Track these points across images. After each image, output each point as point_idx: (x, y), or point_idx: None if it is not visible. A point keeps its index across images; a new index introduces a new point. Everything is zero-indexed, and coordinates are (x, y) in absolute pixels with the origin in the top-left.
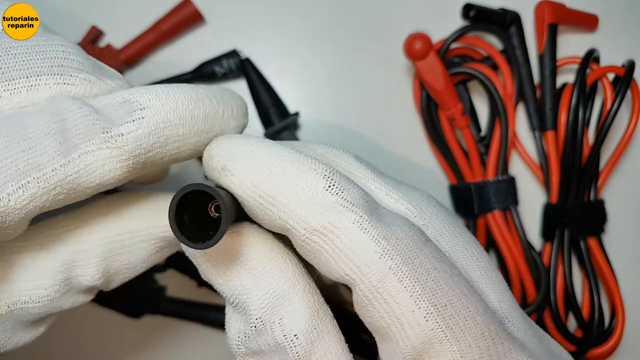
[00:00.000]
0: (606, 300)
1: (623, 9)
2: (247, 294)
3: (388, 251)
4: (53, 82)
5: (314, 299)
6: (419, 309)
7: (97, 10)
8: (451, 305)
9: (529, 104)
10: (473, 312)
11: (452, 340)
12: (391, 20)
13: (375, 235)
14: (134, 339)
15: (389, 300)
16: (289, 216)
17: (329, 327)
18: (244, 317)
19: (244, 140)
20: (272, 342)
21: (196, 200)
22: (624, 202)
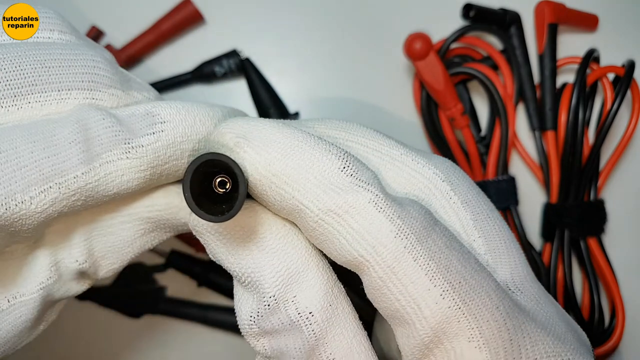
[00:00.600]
0: (606, 300)
1: (623, 9)
2: (260, 272)
3: (403, 230)
4: (82, 97)
5: (327, 275)
6: (434, 287)
7: (98, 10)
8: (465, 282)
9: (529, 104)
10: (486, 288)
11: (470, 317)
12: (391, 20)
13: (391, 214)
14: (134, 339)
15: (404, 280)
16: (304, 195)
17: (344, 304)
18: (256, 295)
19: (259, 121)
20: (286, 321)
21: (204, 173)
22: (624, 202)
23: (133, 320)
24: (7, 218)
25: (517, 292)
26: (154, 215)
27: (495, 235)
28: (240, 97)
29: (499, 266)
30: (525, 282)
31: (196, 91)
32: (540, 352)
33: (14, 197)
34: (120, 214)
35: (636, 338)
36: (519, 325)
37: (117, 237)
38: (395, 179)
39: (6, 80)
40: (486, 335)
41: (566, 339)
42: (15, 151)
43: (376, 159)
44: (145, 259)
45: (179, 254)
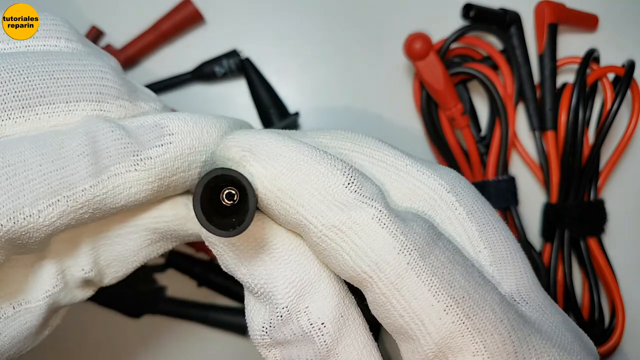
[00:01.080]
0: (606, 300)
1: (623, 9)
2: (273, 283)
3: (406, 246)
4: (90, 108)
5: (339, 286)
6: (438, 302)
7: (98, 10)
8: (469, 297)
9: (529, 104)
10: (490, 302)
11: (474, 331)
12: (391, 20)
13: (394, 230)
14: (134, 339)
15: (407, 297)
16: (308, 211)
17: (355, 315)
18: (269, 306)
19: (265, 134)
20: (298, 332)
21: (209, 187)
22: (624, 202)
23: (133, 320)
24: (15, 231)
25: (522, 303)
26: (161, 226)
27: (501, 245)
28: (240, 97)
29: (504, 277)
30: (531, 292)
31: (196, 91)
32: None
33: (22, 210)
34: (128, 225)
35: (636, 338)
36: (523, 338)
37: (124, 246)
38: (400, 190)
39: (15, 91)
40: (490, 349)
41: (573, 349)
42: (24, 164)
43: (381, 170)
44: None
45: (178, 254)
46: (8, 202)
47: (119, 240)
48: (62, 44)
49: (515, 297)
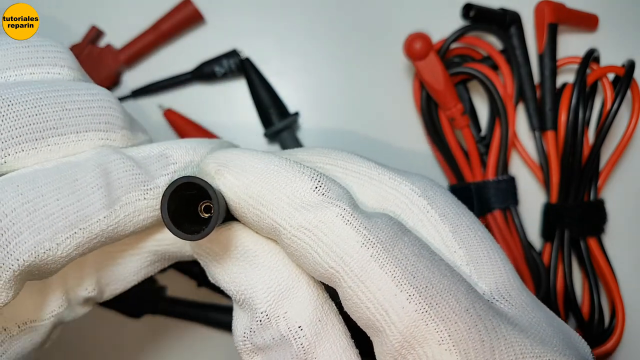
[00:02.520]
0: (606, 300)
1: (623, 9)
2: (253, 289)
3: (369, 240)
4: (98, 138)
5: (318, 292)
6: (401, 292)
7: (97, 10)
8: (432, 286)
9: (529, 104)
10: (455, 291)
11: (438, 320)
12: (391, 20)
13: (357, 225)
14: (134, 339)
15: (371, 288)
16: (277, 214)
17: (334, 320)
18: (250, 313)
19: (239, 150)
20: (277, 336)
21: (187, 198)
22: (624, 202)
23: (133, 320)
24: (35, 265)
25: (502, 300)
26: (162, 248)
27: (477, 245)
28: (240, 97)
29: (482, 276)
30: (512, 290)
31: (196, 91)
32: (516, 353)
33: (42, 245)
34: (131, 248)
35: (636, 338)
36: (492, 328)
37: (125, 267)
38: (372, 197)
39: (28, 124)
40: (455, 338)
41: (550, 342)
42: (43, 199)
43: (354, 179)
44: None
45: None
46: (30, 238)
47: (122, 262)
48: (65, 72)
49: (494, 295)
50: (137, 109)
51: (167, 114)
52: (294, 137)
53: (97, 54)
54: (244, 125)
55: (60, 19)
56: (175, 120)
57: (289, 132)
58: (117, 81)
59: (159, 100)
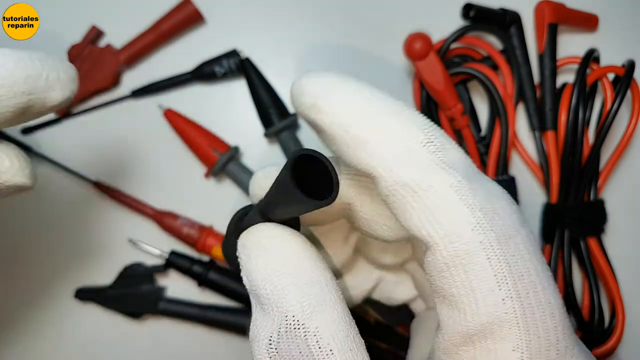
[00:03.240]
0: (606, 301)
1: (623, 9)
2: (285, 296)
3: (483, 225)
4: None
5: (349, 317)
6: (499, 290)
7: (97, 10)
8: (534, 295)
9: (529, 104)
10: (553, 306)
11: (524, 329)
12: (391, 20)
13: (473, 204)
14: (134, 339)
15: (469, 274)
16: (379, 164)
17: (363, 353)
18: (278, 318)
19: (340, 79)
20: (305, 352)
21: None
22: (624, 202)
23: (133, 321)
24: None
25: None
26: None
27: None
28: (240, 96)
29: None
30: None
31: (196, 91)
32: None
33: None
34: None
35: (636, 338)
36: (569, 348)
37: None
38: None
39: None
40: (531, 350)
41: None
42: None
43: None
44: (145, 259)
45: (178, 255)
46: None
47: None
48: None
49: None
50: (137, 109)
51: (167, 114)
52: (294, 137)
53: (97, 54)
54: (244, 125)
55: (61, 19)
56: (175, 120)
57: (289, 131)
58: (117, 81)
59: (159, 100)
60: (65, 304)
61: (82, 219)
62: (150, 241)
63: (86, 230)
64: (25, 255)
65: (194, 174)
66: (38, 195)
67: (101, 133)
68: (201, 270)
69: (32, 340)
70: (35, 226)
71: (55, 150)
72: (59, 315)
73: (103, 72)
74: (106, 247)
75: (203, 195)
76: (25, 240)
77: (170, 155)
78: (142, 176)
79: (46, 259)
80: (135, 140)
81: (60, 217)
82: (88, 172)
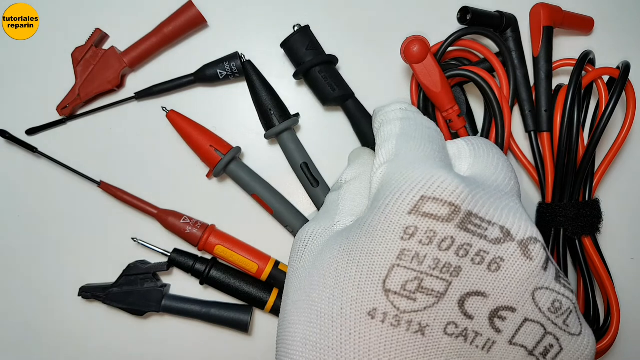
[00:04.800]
0: (601, 299)
1: (618, 12)
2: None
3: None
4: None
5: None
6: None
7: (102, 13)
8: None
9: (524, 106)
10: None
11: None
12: (389, 23)
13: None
14: (138, 336)
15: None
16: None
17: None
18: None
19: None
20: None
21: None
22: (619, 201)
23: (137, 318)
24: None
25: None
26: None
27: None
28: (241, 98)
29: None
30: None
31: (198, 93)
32: None
33: None
34: None
35: (631, 336)
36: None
37: None
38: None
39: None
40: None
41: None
42: None
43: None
44: (149, 257)
45: (181, 253)
46: None
47: None
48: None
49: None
50: (141, 110)
51: (170, 116)
52: (295, 138)
53: (101, 56)
54: (246, 126)
55: (65, 22)
56: (178, 121)
57: (289, 132)
58: (121, 83)
59: (162, 102)
60: (69, 302)
61: (86, 218)
62: (154, 240)
63: (90, 229)
64: (29, 254)
65: (197, 174)
66: (43, 195)
67: (105, 134)
68: (204, 268)
69: (37, 339)
70: (39, 225)
71: (60, 151)
72: (64, 314)
73: (107, 75)
74: (110, 245)
75: (205, 195)
76: (29, 239)
77: (173, 156)
78: (146, 176)
79: (50, 257)
80: (139, 141)
81: (64, 217)
82: (92, 173)
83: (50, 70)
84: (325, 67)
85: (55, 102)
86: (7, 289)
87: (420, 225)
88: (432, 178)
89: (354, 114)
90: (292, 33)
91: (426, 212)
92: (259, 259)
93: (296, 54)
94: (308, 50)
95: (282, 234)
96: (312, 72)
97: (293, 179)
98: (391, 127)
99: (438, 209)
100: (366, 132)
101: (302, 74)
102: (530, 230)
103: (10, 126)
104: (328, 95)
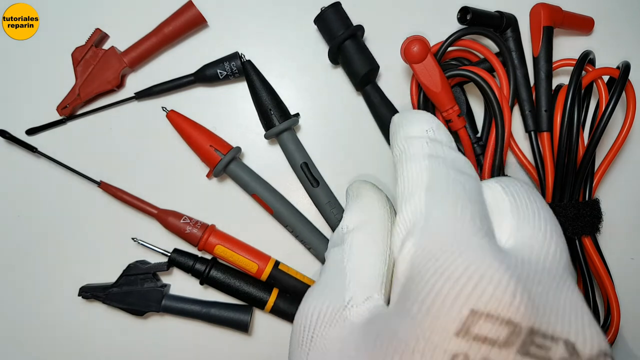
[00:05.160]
0: (601, 299)
1: (618, 12)
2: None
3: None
4: None
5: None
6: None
7: (102, 13)
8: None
9: (524, 106)
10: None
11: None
12: (389, 23)
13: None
14: (138, 336)
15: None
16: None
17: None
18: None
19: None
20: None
21: None
22: (619, 201)
23: (137, 318)
24: None
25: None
26: None
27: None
28: (241, 98)
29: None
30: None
31: (198, 93)
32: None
33: None
34: None
35: (631, 336)
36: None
37: None
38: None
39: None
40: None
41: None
42: None
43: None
44: (149, 257)
45: (181, 253)
46: None
47: None
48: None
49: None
50: (141, 110)
51: (170, 116)
52: (295, 138)
53: (101, 56)
54: (246, 126)
55: (65, 22)
56: (178, 121)
57: (289, 133)
58: (121, 83)
59: (162, 102)
60: (69, 302)
61: (86, 218)
62: (154, 240)
63: (90, 229)
64: (29, 254)
65: (197, 174)
66: (43, 195)
67: (105, 134)
68: (204, 268)
69: (37, 339)
70: (39, 225)
71: (60, 151)
72: (63, 314)
73: (107, 75)
74: (110, 245)
75: (205, 195)
76: (29, 239)
77: (173, 156)
78: (146, 176)
79: (50, 257)
80: (139, 141)
81: (64, 217)
82: (92, 173)
83: (50, 70)
84: (359, 39)
85: (55, 102)
86: (7, 289)
87: (472, 352)
88: (482, 278)
89: (373, 100)
90: (324, 8)
91: (479, 335)
92: (259, 259)
93: (331, 27)
94: (342, 23)
95: (282, 234)
96: (355, 38)
97: (293, 179)
98: (417, 172)
99: (494, 331)
100: (386, 121)
101: (339, 46)
102: (598, 341)
103: (10, 126)
104: (372, 62)
